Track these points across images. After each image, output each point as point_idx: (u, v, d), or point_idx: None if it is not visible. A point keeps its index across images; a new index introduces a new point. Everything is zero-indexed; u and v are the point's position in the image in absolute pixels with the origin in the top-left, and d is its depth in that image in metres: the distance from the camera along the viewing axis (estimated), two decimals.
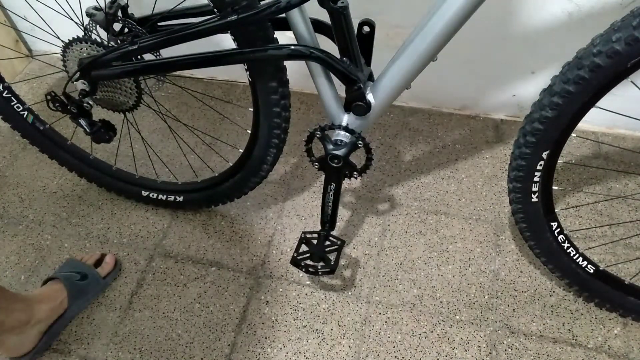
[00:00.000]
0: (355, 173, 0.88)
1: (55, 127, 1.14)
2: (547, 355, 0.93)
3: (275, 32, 0.77)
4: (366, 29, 0.75)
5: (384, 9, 1.17)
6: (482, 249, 1.08)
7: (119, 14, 0.83)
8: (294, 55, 0.74)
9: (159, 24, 0.86)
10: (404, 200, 1.18)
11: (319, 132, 0.84)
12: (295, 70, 0.91)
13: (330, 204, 0.94)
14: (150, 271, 1.08)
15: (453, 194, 1.19)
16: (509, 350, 0.94)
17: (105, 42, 0.84)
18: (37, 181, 1.27)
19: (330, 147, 0.85)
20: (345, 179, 0.91)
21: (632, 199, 1.14)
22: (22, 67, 1.59)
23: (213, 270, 1.08)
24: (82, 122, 0.92)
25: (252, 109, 0.89)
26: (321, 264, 0.94)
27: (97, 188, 1.23)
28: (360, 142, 0.83)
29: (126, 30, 0.84)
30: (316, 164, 0.89)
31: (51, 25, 1.04)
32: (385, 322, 0.99)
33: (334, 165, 0.86)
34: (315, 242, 0.95)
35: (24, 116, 1.07)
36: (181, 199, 1.13)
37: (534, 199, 0.82)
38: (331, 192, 0.92)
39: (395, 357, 0.94)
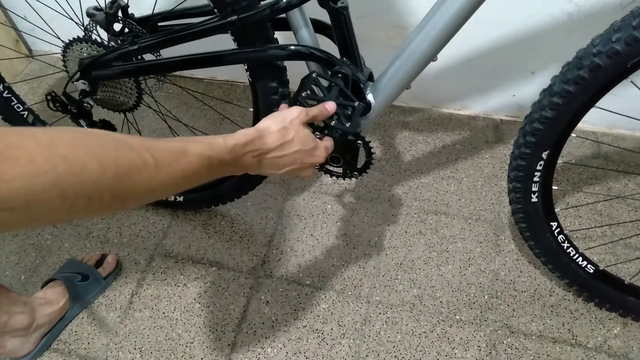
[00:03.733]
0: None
1: None
2: (547, 355, 0.93)
3: (275, 32, 0.77)
4: None
5: (384, 9, 1.16)
6: (482, 249, 1.08)
7: (119, 14, 0.83)
8: (294, 55, 0.74)
9: (159, 24, 0.86)
10: (404, 200, 1.18)
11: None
12: (295, 70, 0.91)
13: None
14: (150, 271, 1.08)
15: (453, 194, 1.19)
16: (509, 350, 0.94)
17: (106, 42, 0.84)
18: None
19: None
20: (346, 179, 0.91)
21: (632, 199, 1.14)
22: (22, 67, 1.59)
23: (213, 270, 1.08)
24: (83, 122, 0.92)
25: (252, 109, 0.89)
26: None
27: None
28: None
29: (126, 30, 0.84)
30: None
31: (51, 25, 1.04)
32: (385, 322, 0.99)
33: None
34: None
35: (24, 116, 1.07)
36: (181, 199, 1.13)
37: (534, 199, 0.82)
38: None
39: (395, 357, 0.94)
